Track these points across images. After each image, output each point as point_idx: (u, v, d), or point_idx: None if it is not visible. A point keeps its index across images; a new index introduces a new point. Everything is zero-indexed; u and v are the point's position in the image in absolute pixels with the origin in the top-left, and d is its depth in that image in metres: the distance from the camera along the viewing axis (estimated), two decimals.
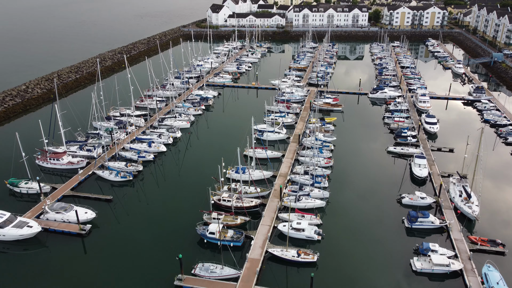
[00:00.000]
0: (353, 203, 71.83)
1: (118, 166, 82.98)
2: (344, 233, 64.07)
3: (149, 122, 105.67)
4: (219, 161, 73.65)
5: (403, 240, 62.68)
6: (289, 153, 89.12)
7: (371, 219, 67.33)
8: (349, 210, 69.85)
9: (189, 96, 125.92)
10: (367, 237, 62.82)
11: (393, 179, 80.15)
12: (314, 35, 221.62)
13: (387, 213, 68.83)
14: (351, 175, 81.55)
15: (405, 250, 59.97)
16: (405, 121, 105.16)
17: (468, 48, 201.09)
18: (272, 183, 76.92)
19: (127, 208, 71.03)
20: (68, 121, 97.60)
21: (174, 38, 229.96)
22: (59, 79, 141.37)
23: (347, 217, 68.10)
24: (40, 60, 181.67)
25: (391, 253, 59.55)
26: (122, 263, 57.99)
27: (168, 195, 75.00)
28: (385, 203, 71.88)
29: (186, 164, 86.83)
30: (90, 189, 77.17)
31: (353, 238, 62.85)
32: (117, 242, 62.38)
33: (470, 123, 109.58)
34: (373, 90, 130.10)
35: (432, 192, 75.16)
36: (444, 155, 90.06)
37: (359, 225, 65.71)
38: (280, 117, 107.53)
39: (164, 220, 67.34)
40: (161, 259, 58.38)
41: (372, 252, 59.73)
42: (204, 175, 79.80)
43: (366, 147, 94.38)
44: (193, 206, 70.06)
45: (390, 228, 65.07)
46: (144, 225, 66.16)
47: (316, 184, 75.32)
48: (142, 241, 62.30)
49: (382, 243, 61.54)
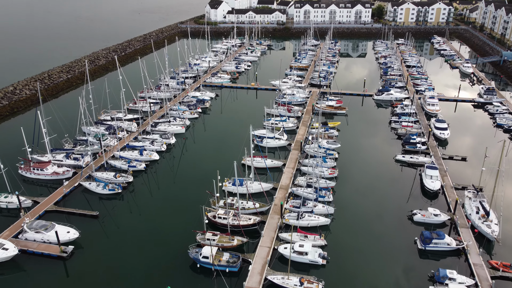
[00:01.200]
0: (360, 220, 65.95)
1: (106, 177, 77.07)
2: (351, 255, 58.29)
3: (141, 127, 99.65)
4: (215, 172, 67.77)
5: (417, 263, 56.90)
6: (290, 162, 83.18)
7: (380, 239, 61.51)
8: (356, 229, 64.01)
9: (185, 98, 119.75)
10: (377, 261, 57.04)
11: (402, 192, 74.26)
12: (316, 32, 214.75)
13: (397, 232, 63.01)
14: (357, 187, 75.64)
15: (420, 276, 54.23)
16: (413, 126, 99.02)
17: (476, 46, 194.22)
18: (272, 196, 71.11)
19: (114, 226, 65.21)
20: (55, 126, 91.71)
21: (171, 35, 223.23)
22: (50, 79, 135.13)
23: (354, 236, 62.26)
24: (30, 59, 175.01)
25: (403, 279, 53.82)
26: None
27: (159, 211, 69.10)
28: (395, 220, 66.04)
29: (180, 175, 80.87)
30: (75, 203, 71.32)
31: (361, 261, 57.07)
32: (102, 266, 56.66)
33: (482, 128, 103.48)
34: (379, 91, 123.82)
35: (445, 207, 69.34)
36: (456, 164, 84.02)
37: (367, 246, 59.89)
38: (280, 121, 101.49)
39: (154, 240, 61.51)
40: (150, 287, 52.71)
41: (383, 278, 53.99)
42: (198, 188, 73.90)
43: (372, 155, 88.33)
44: (186, 224, 64.24)
45: (402, 250, 59.26)
46: (132, 247, 60.35)
47: (320, 198, 69.48)
48: (129, 266, 56.55)
49: (393, 268, 55.79)
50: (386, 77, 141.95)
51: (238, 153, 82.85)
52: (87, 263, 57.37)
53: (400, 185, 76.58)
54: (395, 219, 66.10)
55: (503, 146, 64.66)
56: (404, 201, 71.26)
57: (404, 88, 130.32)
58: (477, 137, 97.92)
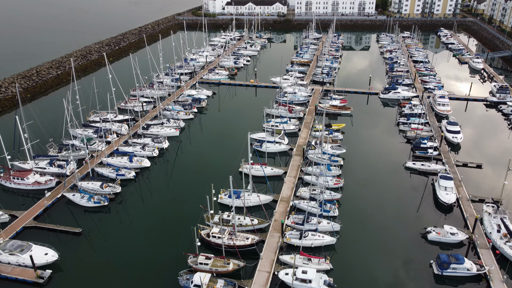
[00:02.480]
0: (368, 239, 59.93)
1: (92, 188, 70.92)
2: (359, 282, 52.39)
3: (132, 129, 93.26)
4: (211, 181, 61.86)
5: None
6: (292, 169, 76.94)
7: (391, 261, 55.60)
8: (364, 249, 58.01)
9: (180, 97, 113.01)
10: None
11: (414, 204, 68.16)
12: (318, 24, 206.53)
13: (410, 253, 57.06)
14: (365, 200, 69.45)
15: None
16: (423, 129, 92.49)
17: (484, 39, 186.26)
18: (272, 209, 65.09)
19: (98, 245, 59.26)
20: (38, 130, 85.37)
21: (167, 28, 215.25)
22: (38, 76, 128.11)
23: (362, 258, 56.29)
24: (20, 53, 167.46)
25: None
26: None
27: (148, 228, 63.04)
28: (407, 238, 60.03)
29: (172, 184, 74.66)
30: (57, 217, 65.34)
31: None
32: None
33: (496, 130, 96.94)
34: (385, 89, 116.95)
35: (461, 222, 63.31)
36: (471, 172, 77.74)
37: (377, 271, 53.99)
38: (281, 123, 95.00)
39: (141, 264, 55.55)
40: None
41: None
42: (192, 200, 67.80)
43: (380, 161, 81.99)
44: (178, 244, 58.26)
45: (416, 275, 53.35)
46: (116, 271, 54.42)
47: (324, 212, 63.44)
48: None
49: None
50: (392, 73, 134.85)
51: (235, 158, 77.00)
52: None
53: (411, 196, 70.42)
54: (407, 238, 60.07)
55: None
56: (416, 215, 65.20)
57: (411, 85, 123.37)
58: (491, 141, 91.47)
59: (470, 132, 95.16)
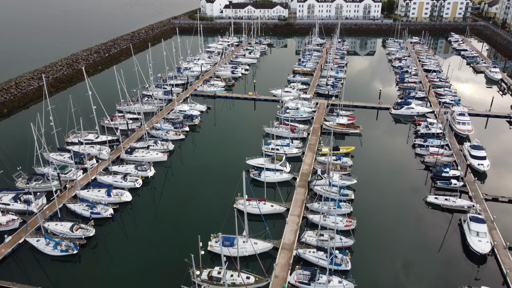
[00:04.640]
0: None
1: (61, 230, 60.32)
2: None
3: (114, 152, 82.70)
4: (201, 222, 51.20)
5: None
6: (295, 206, 66.19)
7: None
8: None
9: (171, 113, 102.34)
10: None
11: (439, 251, 57.42)
12: (321, 28, 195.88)
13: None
14: (381, 246, 58.66)
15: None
16: (443, 153, 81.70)
17: (499, 45, 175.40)
18: (272, 258, 54.48)
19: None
20: (7, 155, 74.87)
21: (162, 32, 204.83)
22: (17, 88, 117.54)
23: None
24: (0, 62, 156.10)
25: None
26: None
27: (123, 281, 52.47)
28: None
29: (156, 224, 63.92)
30: (16, 271, 54.74)
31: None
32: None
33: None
34: (397, 104, 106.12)
35: (498, 277, 52.62)
36: (503, 209, 66.95)
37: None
38: (282, 146, 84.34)
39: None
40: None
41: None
42: (176, 247, 57.23)
43: (396, 194, 71.22)
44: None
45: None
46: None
47: (335, 266, 52.77)
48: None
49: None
50: (403, 84, 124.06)
51: (230, 189, 66.73)
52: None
53: (436, 241, 59.59)
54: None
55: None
56: (443, 268, 54.47)
57: (425, 99, 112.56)
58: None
59: (495, 156, 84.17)
